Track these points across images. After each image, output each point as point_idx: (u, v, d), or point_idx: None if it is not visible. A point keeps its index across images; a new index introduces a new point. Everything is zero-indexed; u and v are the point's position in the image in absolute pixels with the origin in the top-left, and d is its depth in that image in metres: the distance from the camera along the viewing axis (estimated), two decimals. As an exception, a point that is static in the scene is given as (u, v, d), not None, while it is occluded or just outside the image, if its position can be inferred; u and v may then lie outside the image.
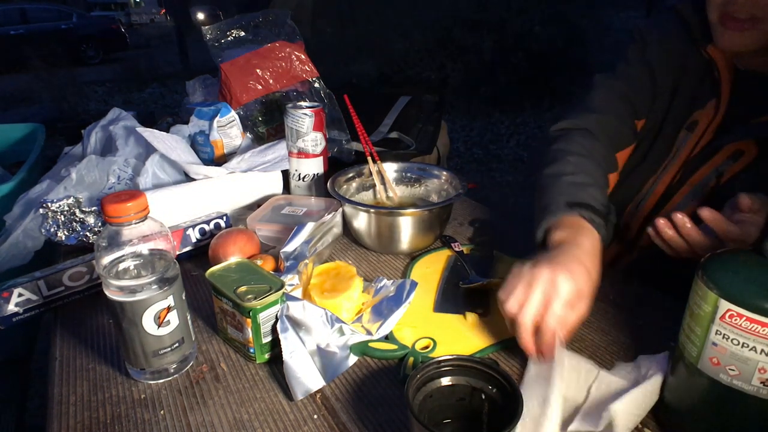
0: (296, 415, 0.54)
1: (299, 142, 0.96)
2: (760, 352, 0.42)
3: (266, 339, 0.60)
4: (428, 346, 0.63)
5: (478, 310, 0.69)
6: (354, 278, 0.69)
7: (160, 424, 0.53)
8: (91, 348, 0.65)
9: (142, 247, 0.54)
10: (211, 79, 1.30)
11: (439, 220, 0.85)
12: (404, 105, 1.51)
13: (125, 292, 0.54)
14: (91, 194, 0.92)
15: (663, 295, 0.74)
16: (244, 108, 1.15)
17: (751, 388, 0.43)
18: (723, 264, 0.46)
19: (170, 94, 6.63)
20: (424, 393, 0.49)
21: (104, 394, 0.58)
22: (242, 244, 0.76)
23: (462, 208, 1.03)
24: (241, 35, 1.18)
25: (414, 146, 1.40)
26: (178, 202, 0.88)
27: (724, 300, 0.43)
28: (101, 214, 0.79)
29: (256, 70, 1.14)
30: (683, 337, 0.48)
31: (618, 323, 0.68)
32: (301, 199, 0.96)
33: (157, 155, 0.95)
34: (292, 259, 0.71)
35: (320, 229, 0.79)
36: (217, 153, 1.08)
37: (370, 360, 0.62)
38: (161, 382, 0.59)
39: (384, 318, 0.65)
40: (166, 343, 0.58)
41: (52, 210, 0.82)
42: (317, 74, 1.18)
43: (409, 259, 0.84)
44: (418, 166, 0.97)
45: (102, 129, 1.09)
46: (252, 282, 0.61)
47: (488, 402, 0.50)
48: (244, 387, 0.58)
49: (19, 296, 0.68)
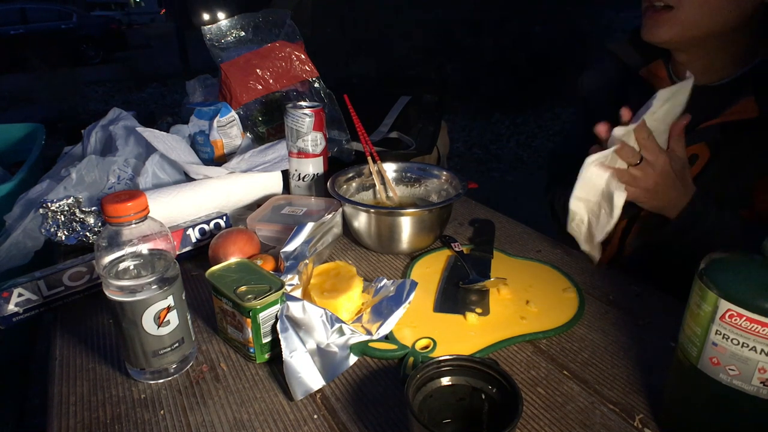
0: (296, 415, 0.54)
1: (299, 142, 0.96)
2: (760, 352, 0.42)
3: (266, 339, 0.60)
4: (428, 346, 0.63)
5: (478, 310, 0.69)
6: (354, 278, 0.69)
7: (160, 424, 0.53)
8: (91, 348, 0.65)
9: (142, 247, 0.54)
10: (211, 79, 1.30)
11: (439, 220, 0.85)
12: (404, 105, 1.51)
13: (125, 292, 0.54)
14: (91, 194, 0.92)
15: (663, 295, 0.74)
16: (244, 108, 1.15)
17: (751, 388, 0.43)
18: (723, 264, 0.46)
19: (170, 94, 6.63)
20: (424, 393, 0.49)
21: (104, 394, 0.58)
22: (242, 244, 0.76)
23: (462, 208, 1.03)
24: (241, 35, 1.18)
25: (414, 146, 1.40)
26: (178, 202, 0.88)
27: (724, 300, 0.43)
28: (101, 214, 0.79)
29: (256, 70, 1.14)
30: (683, 337, 0.48)
31: (618, 323, 0.68)
32: (301, 199, 0.96)
33: (157, 155, 0.95)
34: (292, 259, 0.71)
35: (320, 229, 0.79)
36: (217, 153, 1.08)
37: (370, 360, 0.62)
38: (161, 382, 0.59)
39: (384, 318, 0.65)
40: (166, 343, 0.58)
41: (52, 210, 0.82)
42: (317, 74, 1.18)
43: (409, 259, 0.84)
44: (418, 166, 0.97)
45: (102, 129, 1.09)
46: (252, 282, 0.61)
47: (488, 402, 0.50)
48: (244, 387, 0.58)
49: (19, 296, 0.68)
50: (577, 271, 0.80)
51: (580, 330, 0.67)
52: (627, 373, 0.59)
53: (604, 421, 0.53)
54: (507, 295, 0.72)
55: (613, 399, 0.56)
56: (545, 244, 0.89)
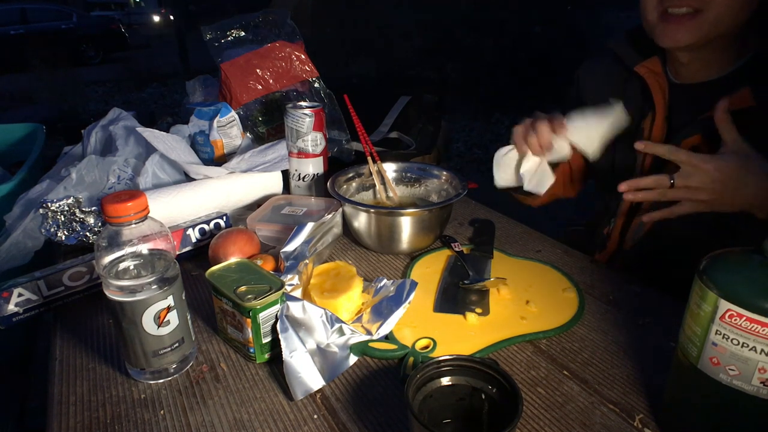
0: (296, 415, 0.54)
1: (299, 142, 0.96)
2: (760, 352, 0.42)
3: (266, 339, 0.60)
4: (428, 346, 0.63)
5: (478, 310, 0.69)
6: (354, 278, 0.69)
7: (160, 424, 0.53)
8: (91, 348, 0.65)
9: (142, 247, 0.54)
10: (211, 79, 1.30)
11: (439, 220, 0.85)
12: (404, 105, 1.51)
13: (125, 292, 0.54)
14: (91, 194, 0.92)
15: (663, 295, 0.74)
16: (244, 108, 1.15)
17: (751, 388, 0.43)
18: (723, 264, 0.46)
19: (170, 94, 6.63)
20: (424, 393, 0.49)
21: (104, 394, 0.58)
22: (242, 244, 0.76)
23: (462, 208, 1.03)
24: (241, 35, 1.18)
25: (414, 146, 1.40)
26: (178, 202, 0.88)
27: (724, 300, 0.43)
28: (101, 214, 0.79)
29: (256, 70, 1.14)
30: (683, 337, 0.48)
31: (618, 323, 0.68)
32: (301, 199, 0.96)
33: (157, 155, 0.95)
34: (292, 259, 0.71)
35: (320, 229, 0.79)
36: (217, 153, 1.08)
37: (370, 360, 0.62)
38: (161, 382, 0.59)
39: (384, 318, 0.65)
40: (166, 343, 0.58)
41: (52, 210, 0.82)
42: (317, 74, 1.18)
43: (409, 259, 0.84)
44: (418, 166, 0.97)
45: (102, 129, 1.09)
46: (252, 282, 0.61)
47: (488, 402, 0.50)
48: (244, 387, 0.58)
49: (19, 296, 0.68)
50: (577, 271, 0.80)
51: (580, 330, 0.67)
52: (627, 373, 0.59)
53: (604, 421, 0.53)
54: (507, 295, 0.72)
55: (613, 399, 0.56)
56: (545, 244, 0.89)
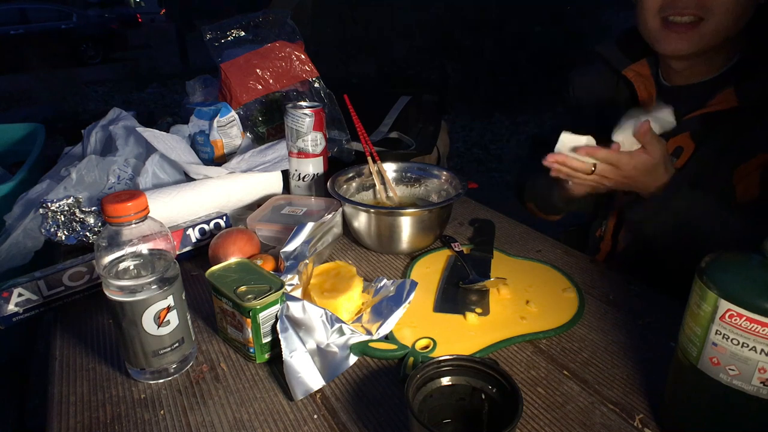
0: (296, 415, 0.54)
1: (299, 142, 0.96)
2: (760, 352, 0.42)
3: (266, 339, 0.60)
4: (428, 346, 0.63)
5: (477, 310, 0.69)
6: (354, 278, 0.69)
7: (160, 424, 0.53)
8: (91, 348, 0.65)
9: (142, 247, 0.54)
10: (211, 79, 1.30)
11: (439, 220, 0.85)
12: (404, 105, 1.51)
13: (125, 292, 0.54)
14: (91, 194, 0.92)
15: (663, 295, 0.74)
16: (244, 108, 1.15)
17: (751, 388, 0.43)
18: (723, 264, 0.46)
19: (170, 94, 6.62)
20: (424, 393, 0.49)
21: (104, 394, 0.58)
22: (242, 244, 0.76)
23: (462, 208, 1.03)
24: (241, 35, 1.18)
25: (414, 146, 1.40)
26: (178, 202, 0.88)
27: (724, 300, 0.43)
28: (101, 214, 0.79)
29: (256, 70, 1.14)
30: (683, 337, 0.48)
31: (618, 323, 0.68)
32: (301, 199, 0.96)
33: (157, 155, 0.95)
34: (292, 259, 0.71)
35: (320, 229, 0.79)
36: (217, 153, 1.08)
37: (370, 360, 0.62)
38: (161, 382, 0.59)
39: (384, 318, 0.65)
40: (166, 343, 0.58)
41: (52, 210, 0.82)
42: (317, 74, 1.18)
43: (409, 259, 0.84)
44: (418, 166, 0.97)
45: (102, 129, 1.09)
46: (252, 282, 0.61)
47: (488, 402, 0.50)
48: (244, 387, 0.58)
49: (19, 296, 0.68)
50: (577, 271, 0.80)
51: (580, 330, 0.67)
52: (627, 373, 0.59)
53: (604, 421, 0.53)
54: (507, 295, 0.72)
55: (613, 399, 0.56)
56: (545, 244, 0.89)
